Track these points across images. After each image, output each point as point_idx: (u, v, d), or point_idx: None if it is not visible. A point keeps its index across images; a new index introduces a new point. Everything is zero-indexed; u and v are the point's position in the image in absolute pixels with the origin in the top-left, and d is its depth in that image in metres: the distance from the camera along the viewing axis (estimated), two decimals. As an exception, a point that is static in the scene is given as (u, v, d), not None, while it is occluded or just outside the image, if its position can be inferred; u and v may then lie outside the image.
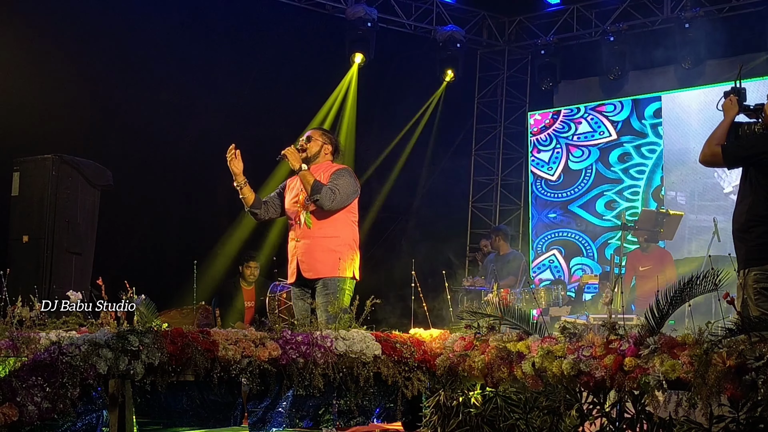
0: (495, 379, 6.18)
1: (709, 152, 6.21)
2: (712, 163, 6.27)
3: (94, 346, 5.28)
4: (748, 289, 5.78)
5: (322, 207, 7.65)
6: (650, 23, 15.76)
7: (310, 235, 7.75)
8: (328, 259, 7.67)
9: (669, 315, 5.61)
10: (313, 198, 7.62)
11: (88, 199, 10.93)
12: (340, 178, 7.79)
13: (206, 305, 11.76)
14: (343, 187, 7.75)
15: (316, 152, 7.99)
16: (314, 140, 7.99)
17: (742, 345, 4.78)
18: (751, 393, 4.67)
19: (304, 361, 6.19)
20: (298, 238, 7.81)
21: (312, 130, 8.18)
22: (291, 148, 7.81)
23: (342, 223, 7.85)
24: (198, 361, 5.65)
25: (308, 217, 7.74)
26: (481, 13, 17.35)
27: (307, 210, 7.74)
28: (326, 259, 7.67)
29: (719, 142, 6.18)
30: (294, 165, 7.75)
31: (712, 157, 6.18)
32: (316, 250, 7.72)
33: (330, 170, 7.91)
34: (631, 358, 5.27)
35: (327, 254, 7.69)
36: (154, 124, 13.36)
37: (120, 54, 13.09)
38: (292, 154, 7.78)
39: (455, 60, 16.68)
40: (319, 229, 7.76)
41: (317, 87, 15.80)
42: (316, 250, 7.73)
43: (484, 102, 18.14)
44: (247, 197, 8.10)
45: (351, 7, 15.59)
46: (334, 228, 7.78)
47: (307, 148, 7.94)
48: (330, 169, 7.95)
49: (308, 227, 7.73)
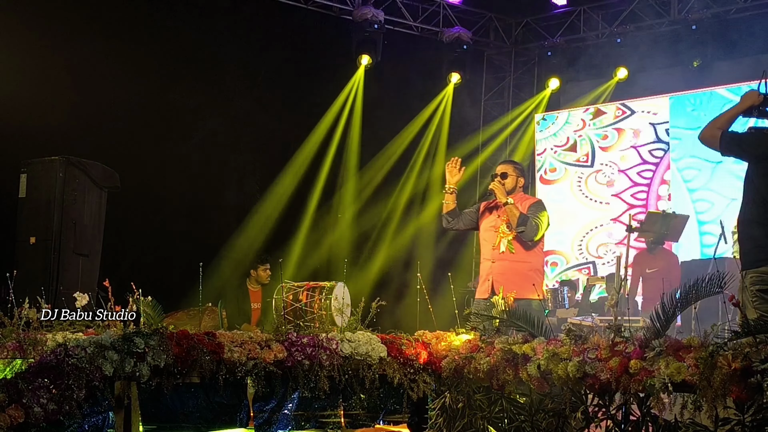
0: (500, 381, 6.18)
1: (710, 133, 6.24)
2: (709, 144, 6.27)
3: (99, 348, 5.29)
4: (746, 292, 5.77)
5: (527, 238, 8.37)
6: (657, 25, 15.73)
7: (506, 258, 8.41)
8: (521, 282, 8.26)
9: (674, 318, 5.60)
10: (519, 229, 8.33)
11: (95, 200, 10.95)
12: (540, 211, 8.49)
13: (213, 307, 11.75)
14: (544, 220, 8.46)
15: (513, 187, 8.63)
16: (510, 176, 8.64)
17: (748, 347, 4.77)
18: (756, 395, 4.66)
19: (310, 363, 6.19)
20: (493, 260, 8.47)
21: (504, 165, 8.86)
22: (496, 183, 8.53)
23: (535, 249, 8.55)
24: (203, 363, 5.65)
25: (511, 245, 8.39)
26: (487, 14, 17.33)
27: (508, 237, 8.40)
28: (519, 282, 8.25)
29: (722, 126, 6.20)
30: (501, 199, 8.47)
31: (711, 138, 6.20)
32: (510, 273, 8.35)
33: (525, 201, 8.63)
34: (637, 360, 5.26)
35: (519, 277, 8.31)
36: (162, 126, 13.38)
37: (128, 56, 13.08)
38: (499, 189, 8.50)
39: (462, 61, 16.70)
40: (514, 254, 8.42)
41: (324, 89, 15.80)
42: (510, 273, 8.36)
43: (491, 103, 18.13)
44: (449, 204, 8.73)
45: (358, 9, 15.58)
46: (527, 254, 8.45)
47: (504, 183, 8.56)
48: (524, 200, 8.66)
49: (511, 252, 8.40)
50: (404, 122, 16.69)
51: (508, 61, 18.02)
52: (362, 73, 16.06)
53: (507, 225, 8.41)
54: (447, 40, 16.49)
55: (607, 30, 16.23)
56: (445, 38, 16.51)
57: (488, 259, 8.55)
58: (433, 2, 16.62)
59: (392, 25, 16.28)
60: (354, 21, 15.63)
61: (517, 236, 8.37)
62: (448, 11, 16.71)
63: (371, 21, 15.48)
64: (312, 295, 8.29)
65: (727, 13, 14.91)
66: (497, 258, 8.45)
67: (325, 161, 15.90)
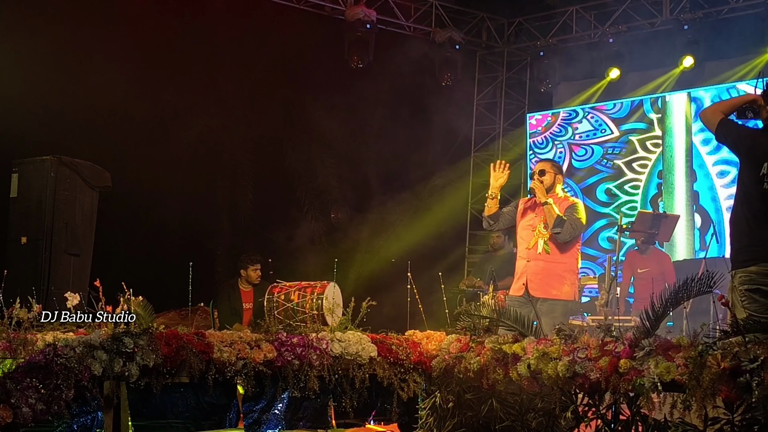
0: (490, 380, 6.18)
1: (711, 115, 6.26)
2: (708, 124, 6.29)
3: (89, 347, 5.28)
4: (736, 291, 5.77)
5: (562, 240, 8.47)
6: (649, 25, 15.74)
7: (541, 259, 8.52)
8: (555, 282, 8.48)
9: (664, 317, 5.60)
10: (555, 230, 8.44)
11: (87, 200, 10.91)
12: (576, 212, 8.59)
13: (205, 307, 11.74)
14: (580, 222, 8.60)
15: (551, 184, 8.73)
16: (548, 173, 8.73)
17: (737, 347, 4.78)
18: (745, 395, 4.66)
19: (300, 363, 6.19)
20: (528, 259, 8.58)
21: (543, 163, 9.02)
22: (536, 182, 8.63)
23: (570, 251, 8.65)
24: (193, 362, 5.65)
25: (547, 245, 8.51)
26: (480, 14, 17.34)
27: (544, 238, 8.52)
28: (553, 282, 8.47)
29: (724, 111, 6.21)
30: (541, 198, 8.58)
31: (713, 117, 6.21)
32: (545, 273, 8.50)
33: (564, 203, 8.72)
34: (626, 360, 5.27)
35: (554, 278, 8.49)
36: (154, 126, 13.37)
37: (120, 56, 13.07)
38: (539, 188, 8.61)
39: (454, 61, 16.69)
40: (550, 254, 8.54)
41: (316, 88, 15.79)
42: (545, 273, 8.50)
43: (483, 103, 18.14)
44: (491, 207, 8.77)
45: (350, 8, 15.57)
46: (562, 255, 8.56)
47: (543, 181, 8.66)
48: (563, 201, 8.74)
49: (547, 253, 8.51)
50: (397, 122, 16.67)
51: (501, 62, 18.03)
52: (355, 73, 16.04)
53: (544, 225, 8.53)
54: (439, 39, 16.48)
55: (599, 30, 16.23)
56: (438, 38, 16.50)
57: (523, 258, 8.67)
58: (426, 2, 16.61)
59: (384, 25, 16.27)
60: (346, 21, 15.62)
61: (553, 237, 8.48)
62: (440, 11, 16.71)
63: (363, 21, 15.47)
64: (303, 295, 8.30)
65: (719, 13, 14.93)
66: (533, 257, 8.56)
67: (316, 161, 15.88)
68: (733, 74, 14.84)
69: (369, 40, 15.68)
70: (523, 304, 8.32)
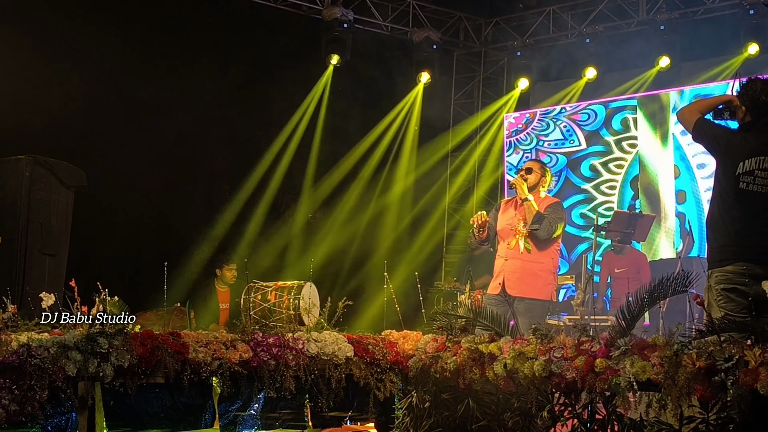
0: (467, 380, 6.19)
1: (688, 114, 6.31)
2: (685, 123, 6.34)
3: (63, 348, 5.25)
4: (712, 291, 5.80)
5: (540, 237, 8.57)
6: (626, 25, 15.79)
7: (519, 258, 8.66)
8: (532, 282, 8.59)
9: (640, 316, 5.62)
10: (533, 227, 8.55)
11: (62, 200, 10.83)
12: (556, 212, 8.74)
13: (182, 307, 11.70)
14: (559, 221, 8.72)
15: (535, 183, 8.88)
16: (534, 172, 8.89)
17: (712, 346, 4.79)
18: (720, 394, 4.68)
19: (276, 363, 6.18)
20: (507, 258, 8.72)
21: (531, 162, 9.17)
22: (518, 178, 8.81)
23: (549, 250, 8.76)
24: (168, 363, 5.63)
25: (527, 244, 8.61)
26: (457, 14, 17.34)
27: (525, 236, 8.61)
28: (531, 281, 8.58)
29: (701, 110, 6.25)
30: (521, 194, 8.74)
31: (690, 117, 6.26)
32: (523, 272, 8.62)
33: (544, 201, 8.84)
34: (602, 359, 5.28)
35: (531, 277, 8.60)
36: (130, 125, 13.30)
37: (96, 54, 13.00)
38: (520, 185, 8.76)
39: (432, 61, 16.70)
40: (529, 253, 8.65)
41: (293, 88, 15.76)
42: (523, 272, 8.63)
43: (461, 103, 18.14)
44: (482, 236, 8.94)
45: (327, 8, 15.56)
46: (541, 254, 8.67)
47: (527, 179, 8.82)
48: (544, 200, 8.87)
49: (528, 252, 8.63)
50: (374, 122, 16.68)
51: (478, 61, 18.03)
52: (331, 72, 16.03)
53: (524, 223, 8.63)
54: (416, 39, 16.48)
55: (576, 30, 16.26)
56: (415, 38, 16.50)
57: (502, 257, 8.76)
58: (403, 2, 16.61)
59: (362, 25, 16.26)
60: (323, 20, 15.60)
61: (532, 235, 8.56)
62: (417, 11, 16.70)
63: (340, 20, 15.47)
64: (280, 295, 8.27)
65: (695, 14, 14.99)
66: (511, 256, 8.67)
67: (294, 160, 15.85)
68: (709, 75, 14.90)
69: (346, 39, 15.68)
70: (500, 303, 8.36)
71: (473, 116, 17.88)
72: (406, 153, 17.09)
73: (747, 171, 5.79)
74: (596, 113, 16.16)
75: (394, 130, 16.92)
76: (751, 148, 5.84)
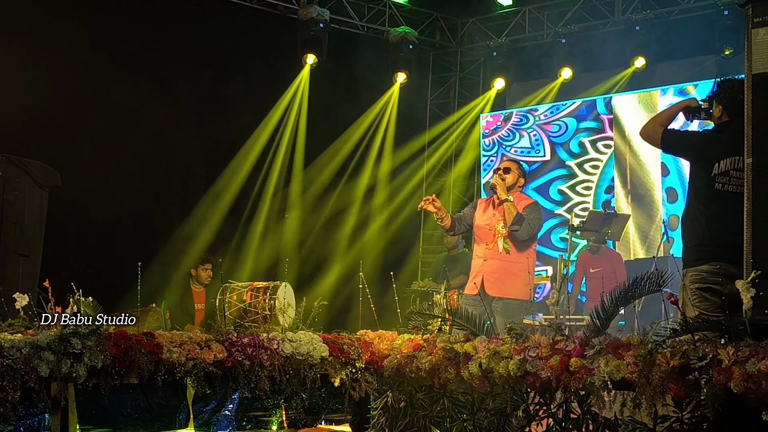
0: (442, 380, 6.18)
1: (651, 130, 6.32)
2: (650, 140, 6.36)
3: (35, 348, 5.22)
4: (686, 290, 5.82)
5: (520, 238, 8.59)
6: (602, 25, 15.84)
7: (498, 258, 8.64)
8: (510, 281, 8.61)
9: (615, 316, 5.64)
10: (513, 228, 8.55)
11: (36, 200, 10.76)
12: (534, 212, 8.74)
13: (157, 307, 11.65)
14: (537, 221, 8.78)
15: (512, 183, 8.85)
16: (513, 172, 8.89)
17: (686, 345, 4.81)
18: (694, 393, 4.70)
19: (250, 364, 6.16)
20: (486, 258, 8.68)
21: (508, 161, 9.16)
22: (498, 179, 8.77)
23: (528, 251, 8.76)
24: (142, 363, 5.60)
25: (506, 244, 8.62)
26: (433, 14, 17.35)
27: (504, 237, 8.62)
28: (509, 281, 8.61)
29: (663, 123, 6.27)
30: (501, 195, 8.70)
31: (654, 133, 6.28)
32: (502, 272, 8.62)
33: (522, 201, 8.84)
34: (577, 358, 5.29)
35: (510, 277, 8.61)
36: (104, 124, 13.23)
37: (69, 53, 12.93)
38: (500, 185, 8.73)
39: (408, 61, 16.68)
40: (508, 254, 8.66)
41: (269, 88, 15.73)
42: (502, 271, 8.63)
43: (437, 103, 18.15)
44: (445, 224, 8.92)
45: (303, 7, 15.54)
46: (519, 255, 8.67)
47: (505, 179, 8.79)
48: (521, 200, 8.87)
49: (507, 252, 8.63)
50: (350, 121, 16.66)
51: (454, 61, 18.06)
52: (308, 72, 16.00)
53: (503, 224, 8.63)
54: (393, 39, 16.48)
55: (551, 30, 16.30)
56: (391, 38, 16.49)
57: (480, 257, 8.73)
58: (379, 1, 16.61)
59: (338, 24, 16.25)
60: (299, 20, 15.58)
61: (511, 235, 8.57)
62: (393, 11, 16.71)
63: (317, 20, 15.44)
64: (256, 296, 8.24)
65: (670, 14, 15.04)
66: (489, 256, 8.65)
67: (270, 160, 15.82)
68: (684, 75, 14.96)
69: (322, 39, 15.66)
70: (478, 303, 8.36)
71: (449, 116, 17.89)
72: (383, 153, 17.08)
73: (722, 171, 5.81)
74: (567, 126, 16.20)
75: (369, 129, 16.89)
76: (725, 149, 5.86)
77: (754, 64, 5.08)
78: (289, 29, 15.73)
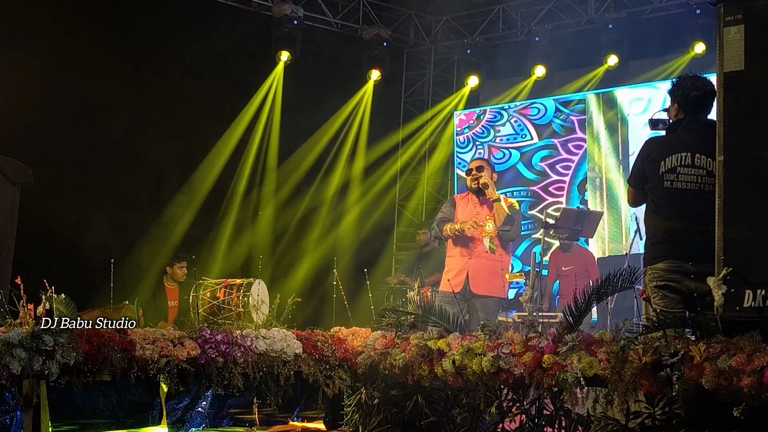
0: (416, 377, 6.20)
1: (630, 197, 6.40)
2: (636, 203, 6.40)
3: (7, 346, 5.19)
4: (647, 288, 5.87)
5: (508, 238, 8.84)
6: (575, 24, 15.88)
7: (484, 257, 8.77)
8: (495, 280, 8.76)
9: (587, 313, 5.67)
10: (504, 228, 8.67)
11: (8, 196, 10.70)
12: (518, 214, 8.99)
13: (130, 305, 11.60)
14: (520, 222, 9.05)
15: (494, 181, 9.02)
16: (486, 169, 9.00)
17: (658, 342, 4.83)
18: (666, 389, 4.72)
19: (224, 360, 6.16)
20: (471, 256, 8.79)
21: (478, 160, 9.41)
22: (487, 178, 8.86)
23: (509, 250, 9.11)
24: (115, 360, 5.59)
25: (491, 243, 8.72)
26: (407, 12, 17.34)
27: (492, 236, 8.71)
28: (494, 280, 8.76)
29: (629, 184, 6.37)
30: (493, 195, 8.80)
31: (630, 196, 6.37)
32: (489, 271, 8.76)
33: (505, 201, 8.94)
34: (550, 355, 5.32)
35: (495, 276, 8.76)
36: (77, 121, 13.16)
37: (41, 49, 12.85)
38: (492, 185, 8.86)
39: (382, 59, 16.68)
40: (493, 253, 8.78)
41: (243, 85, 15.70)
42: (488, 270, 8.76)
43: (411, 101, 18.15)
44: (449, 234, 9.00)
45: (277, 4, 15.50)
46: (503, 254, 8.88)
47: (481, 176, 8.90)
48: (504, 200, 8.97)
49: (492, 252, 8.73)
50: (324, 119, 16.64)
51: (428, 59, 18.06)
52: (282, 69, 15.97)
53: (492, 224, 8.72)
54: (367, 37, 16.47)
55: (525, 28, 16.33)
56: (365, 35, 16.48)
57: (464, 255, 8.80)
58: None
59: (312, 22, 16.23)
60: (273, 17, 15.55)
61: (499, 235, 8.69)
62: (367, 8, 16.68)
63: (290, 17, 15.41)
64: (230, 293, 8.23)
65: (643, 13, 15.10)
66: (475, 255, 8.75)
67: (244, 157, 15.79)
68: (656, 73, 15.04)
69: (296, 36, 15.63)
70: (454, 301, 8.39)
71: (423, 113, 17.90)
72: (357, 150, 17.08)
73: (669, 169, 5.87)
74: (546, 107, 16.25)
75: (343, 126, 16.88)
76: (671, 146, 5.94)
77: (725, 62, 5.11)
78: (263, 26, 15.70)
